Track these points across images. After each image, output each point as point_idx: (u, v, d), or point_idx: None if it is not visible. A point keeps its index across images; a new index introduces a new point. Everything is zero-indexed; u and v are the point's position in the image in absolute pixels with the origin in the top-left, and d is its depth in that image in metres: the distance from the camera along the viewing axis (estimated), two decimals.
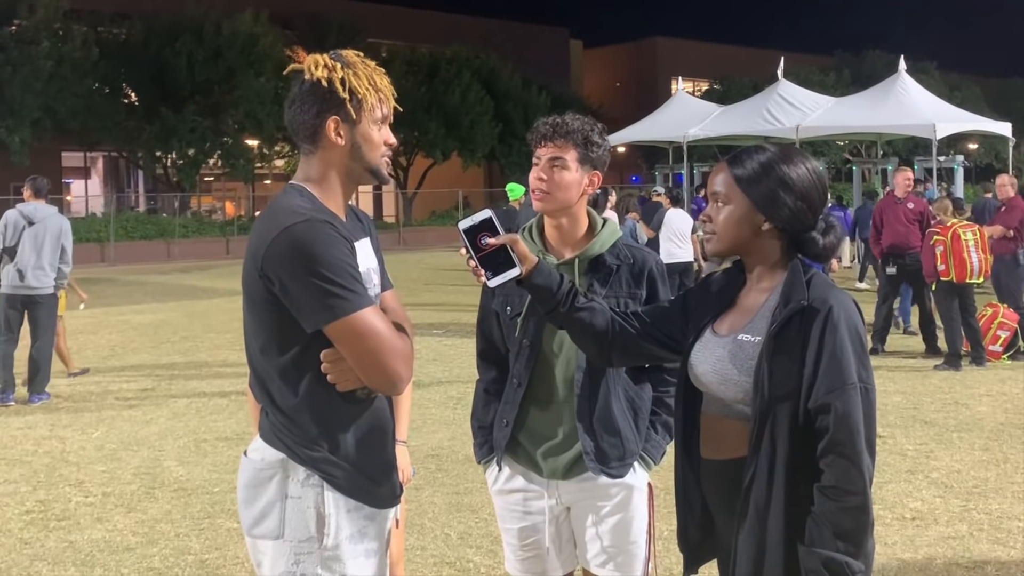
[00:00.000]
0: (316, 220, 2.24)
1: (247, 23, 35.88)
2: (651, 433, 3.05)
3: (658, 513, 3.11)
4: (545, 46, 54.85)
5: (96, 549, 5.29)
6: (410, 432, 6.64)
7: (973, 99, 47.60)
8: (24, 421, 8.38)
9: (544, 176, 2.90)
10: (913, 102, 21.47)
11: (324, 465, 2.31)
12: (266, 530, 2.34)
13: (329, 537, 2.31)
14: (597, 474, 2.91)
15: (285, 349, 2.30)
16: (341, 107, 2.35)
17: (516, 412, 2.96)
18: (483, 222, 2.40)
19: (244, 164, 37.03)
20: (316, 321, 2.22)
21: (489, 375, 3.13)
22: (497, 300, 3.03)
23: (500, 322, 3.04)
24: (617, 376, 2.95)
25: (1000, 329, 10.51)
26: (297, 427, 2.31)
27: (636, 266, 2.97)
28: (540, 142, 2.93)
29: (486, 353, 3.14)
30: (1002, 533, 5.28)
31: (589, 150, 2.93)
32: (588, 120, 2.97)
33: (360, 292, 2.24)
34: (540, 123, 2.96)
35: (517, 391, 2.96)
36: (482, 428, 3.11)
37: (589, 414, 2.91)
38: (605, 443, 2.91)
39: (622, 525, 2.98)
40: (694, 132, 23.87)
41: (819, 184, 2.35)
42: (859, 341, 2.24)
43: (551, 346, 2.93)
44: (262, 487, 2.34)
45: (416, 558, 5.04)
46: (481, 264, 2.40)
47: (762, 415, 2.26)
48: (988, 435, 7.34)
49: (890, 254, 11.15)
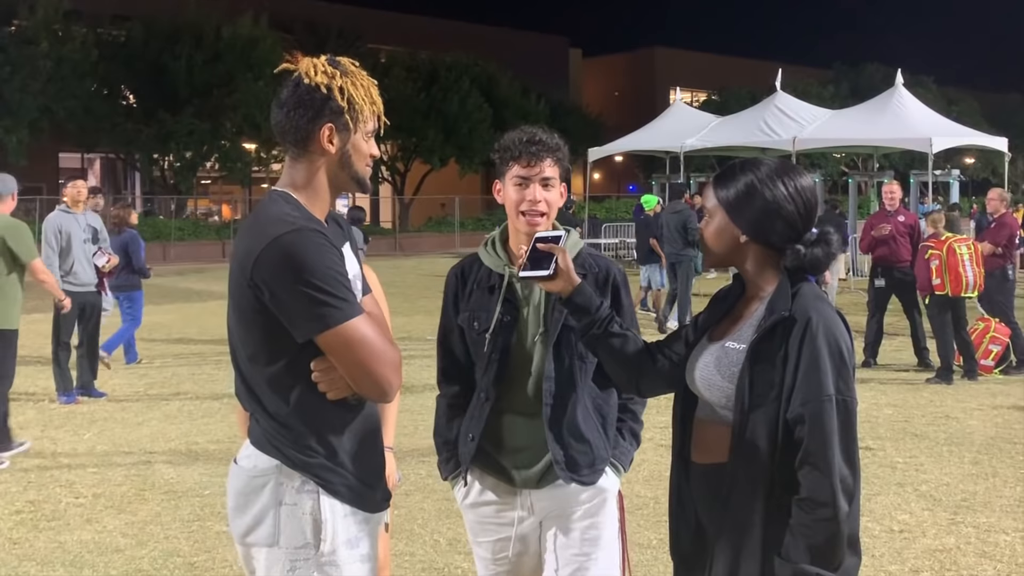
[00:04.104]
0: (306, 229, 2.24)
1: (247, 27, 35.92)
2: (619, 440, 3.05)
3: (648, 521, 3.16)
4: (544, 54, 54.96)
5: (85, 550, 5.29)
6: (401, 438, 6.67)
7: (970, 113, 47.70)
8: (16, 421, 8.36)
9: (540, 197, 2.88)
10: (910, 116, 21.52)
11: (320, 471, 2.31)
12: (260, 537, 2.33)
13: (326, 543, 2.31)
14: (568, 482, 2.91)
15: (275, 358, 2.29)
16: (338, 116, 2.34)
17: (483, 426, 2.94)
18: (554, 237, 2.68)
19: (241, 168, 37.04)
20: (308, 331, 2.22)
21: (452, 390, 3.10)
22: (462, 315, 3.01)
23: (465, 338, 3.02)
24: (584, 384, 2.95)
25: (992, 343, 10.54)
26: (292, 433, 2.31)
27: (600, 275, 2.98)
28: (529, 161, 2.88)
29: (448, 369, 3.11)
30: (989, 547, 5.30)
31: (566, 165, 2.95)
32: (555, 133, 2.97)
33: (351, 300, 2.24)
34: (521, 141, 2.90)
35: (484, 405, 2.94)
36: (447, 444, 3.08)
37: (558, 423, 2.91)
38: (574, 451, 2.91)
39: (593, 531, 2.98)
40: (691, 142, 23.90)
41: (800, 201, 2.38)
42: (839, 354, 2.26)
43: (520, 359, 2.92)
44: (255, 494, 2.33)
45: (405, 563, 5.05)
46: (528, 259, 2.62)
47: (742, 423, 2.30)
48: (978, 449, 7.36)
49: (879, 267, 11.19)
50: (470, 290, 3.01)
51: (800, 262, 2.37)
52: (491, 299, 2.95)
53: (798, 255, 2.37)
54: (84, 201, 9.42)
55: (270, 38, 36.38)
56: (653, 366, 2.61)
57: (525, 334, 2.93)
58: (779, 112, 22.91)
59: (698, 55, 64.72)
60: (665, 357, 2.61)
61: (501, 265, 2.96)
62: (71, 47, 31.97)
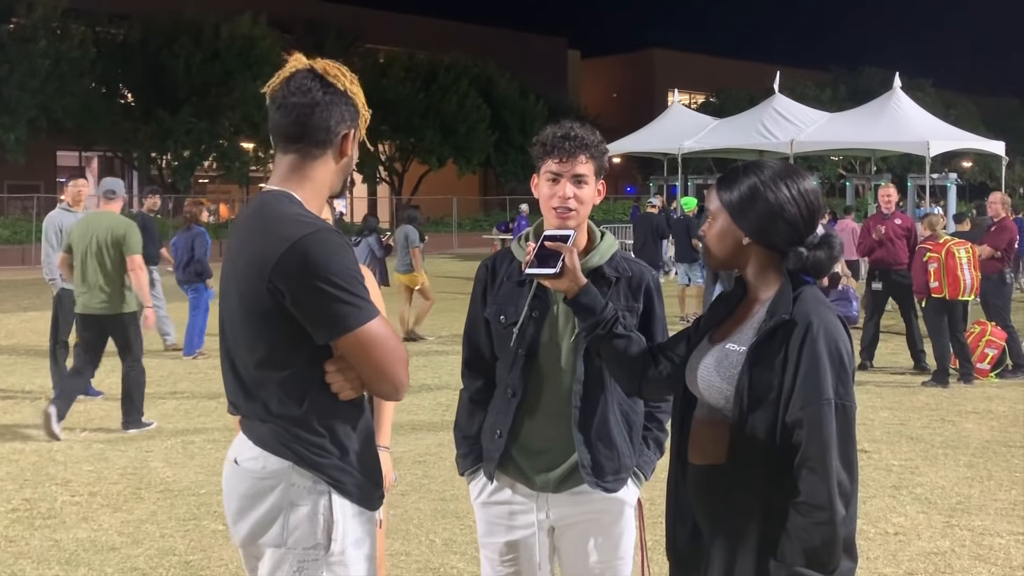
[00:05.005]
0: (325, 230, 2.23)
1: (245, 26, 35.93)
2: (644, 449, 3.00)
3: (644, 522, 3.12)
4: (543, 55, 55.00)
5: (81, 548, 5.29)
6: (397, 438, 6.67)
7: (968, 117, 47.80)
8: (12, 419, 8.37)
9: (570, 194, 2.82)
10: (907, 119, 21.54)
11: (333, 471, 2.30)
12: (267, 539, 2.30)
13: (337, 543, 2.29)
14: (593, 487, 2.86)
15: (292, 360, 2.27)
16: (357, 121, 2.38)
17: (511, 423, 2.89)
18: (564, 236, 2.64)
19: (239, 167, 37.05)
20: (330, 334, 2.21)
21: (475, 385, 3.06)
22: (490, 309, 2.96)
23: (490, 331, 2.98)
24: (613, 389, 2.90)
25: (988, 347, 10.55)
26: (305, 434, 2.28)
27: (634, 280, 2.93)
28: (562, 157, 2.82)
29: (472, 362, 3.07)
30: (984, 550, 5.31)
31: (602, 162, 2.89)
32: (591, 128, 2.91)
33: (369, 300, 2.25)
34: (555, 136, 2.85)
35: (511, 401, 2.88)
36: (467, 438, 3.04)
37: (587, 427, 2.86)
38: (602, 456, 2.87)
39: (611, 541, 2.94)
40: (689, 144, 23.92)
41: (803, 203, 2.38)
42: (839, 358, 2.26)
43: (548, 357, 2.87)
44: (263, 496, 2.30)
45: (400, 563, 5.06)
46: (536, 257, 2.61)
47: (740, 425, 2.30)
48: (973, 452, 7.37)
49: (876, 270, 11.21)
50: (500, 283, 2.96)
51: (802, 265, 2.37)
52: (520, 293, 2.90)
53: (800, 258, 2.37)
54: (84, 200, 9.42)
55: (269, 37, 36.41)
56: (655, 368, 2.62)
57: (555, 332, 2.88)
58: (777, 115, 22.93)
59: (696, 57, 64.81)
60: (667, 359, 2.61)
61: None
62: (69, 45, 31.98)
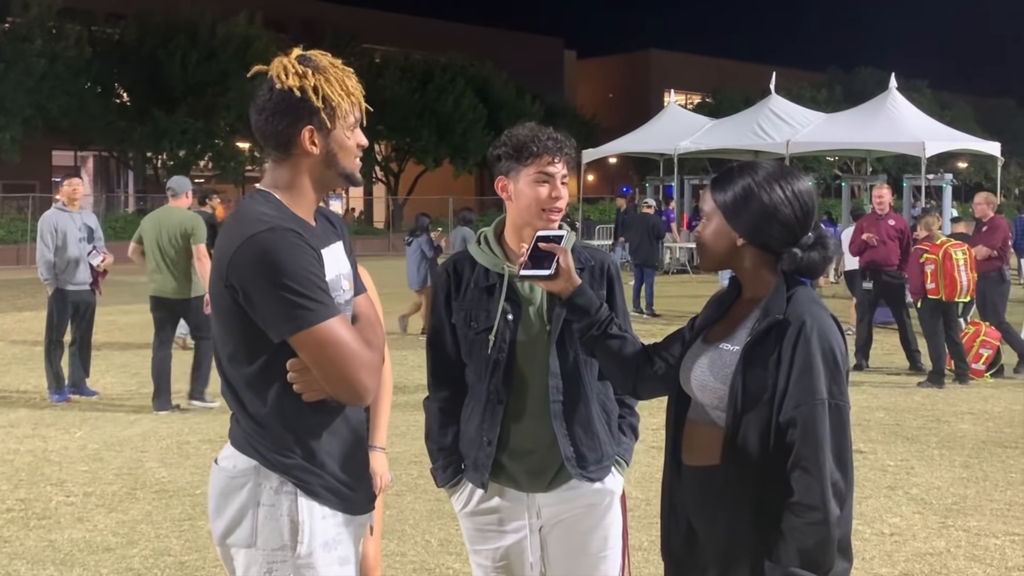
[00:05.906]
0: (280, 228, 2.20)
1: (241, 26, 35.91)
2: (620, 436, 3.03)
3: (639, 523, 3.17)
4: (539, 55, 54.99)
5: (76, 549, 5.28)
6: (393, 438, 6.67)
7: (964, 118, 47.82)
8: (7, 419, 8.35)
9: (564, 195, 2.86)
10: (903, 120, 21.59)
11: (298, 472, 2.29)
12: (238, 538, 2.31)
13: (303, 545, 2.29)
14: (579, 479, 2.87)
15: (253, 358, 2.27)
16: (315, 116, 2.29)
17: (499, 430, 2.86)
18: (556, 236, 2.64)
19: (235, 167, 37.00)
20: (281, 332, 2.19)
21: (442, 394, 3.02)
22: (457, 315, 2.92)
23: (457, 338, 2.95)
24: (591, 379, 2.91)
25: (983, 347, 10.56)
26: (270, 434, 2.29)
27: (596, 268, 2.95)
28: (554, 158, 2.83)
29: (438, 370, 3.03)
30: (979, 550, 5.32)
31: (572, 164, 2.94)
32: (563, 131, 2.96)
33: (326, 302, 2.21)
34: (541, 137, 2.84)
35: (497, 408, 2.86)
36: (442, 450, 2.99)
37: (567, 419, 2.87)
38: (584, 446, 2.88)
39: (599, 532, 2.95)
40: (685, 145, 23.96)
41: (797, 204, 2.38)
42: (832, 358, 2.26)
43: (526, 358, 2.87)
44: (233, 495, 2.31)
45: (396, 564, 5.05)
46: (529, 258, 2.60)
47: (734, 425, 2.30)
48: (969, 452, 7.38)
49: (868, 270, 11.23)
50: (465, 288, 2.93)
51: (797, 265, 2.38)
52: (490, 299, 2.88)
53: (795, 258, 2.37)
54: (79, 199, 9.41)
55: (265, 37, 36.35)
56: (650, 368, 2.61)
57: (529, 333, 2.87)
58: (773, 115, 23.00)
59: (693, 58, 64.84)
60: (662, 359, 2.61)
61: (499, 264, 2.90)
62: (65, 45, 31.94)
